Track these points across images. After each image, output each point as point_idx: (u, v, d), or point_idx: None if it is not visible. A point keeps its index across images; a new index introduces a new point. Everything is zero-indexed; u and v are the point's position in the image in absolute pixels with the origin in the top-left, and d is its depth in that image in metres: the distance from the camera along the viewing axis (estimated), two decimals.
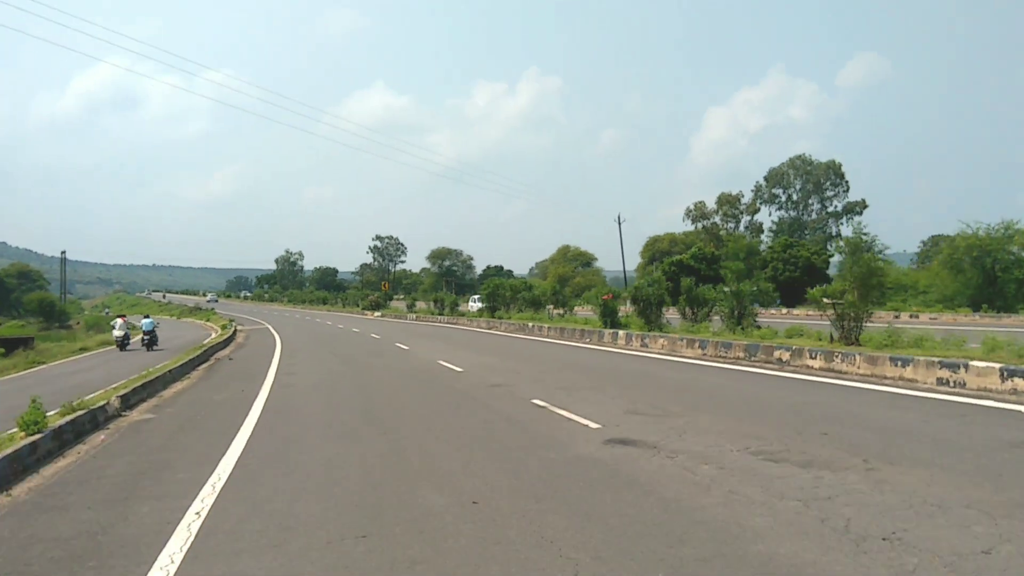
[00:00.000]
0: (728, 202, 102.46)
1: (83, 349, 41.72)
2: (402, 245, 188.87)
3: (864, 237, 17.30)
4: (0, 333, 59.71)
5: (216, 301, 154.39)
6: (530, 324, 32.30)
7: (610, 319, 26.60)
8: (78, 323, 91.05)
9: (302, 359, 25.26)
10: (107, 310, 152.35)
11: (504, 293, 41.13)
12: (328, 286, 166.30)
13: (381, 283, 78.07)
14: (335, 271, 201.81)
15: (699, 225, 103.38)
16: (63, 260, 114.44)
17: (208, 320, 79.58)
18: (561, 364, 18.83)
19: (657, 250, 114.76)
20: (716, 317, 24.09)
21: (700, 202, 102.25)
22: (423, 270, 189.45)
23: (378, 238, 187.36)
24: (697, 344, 18.85)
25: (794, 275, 63.03)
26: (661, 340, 21.22)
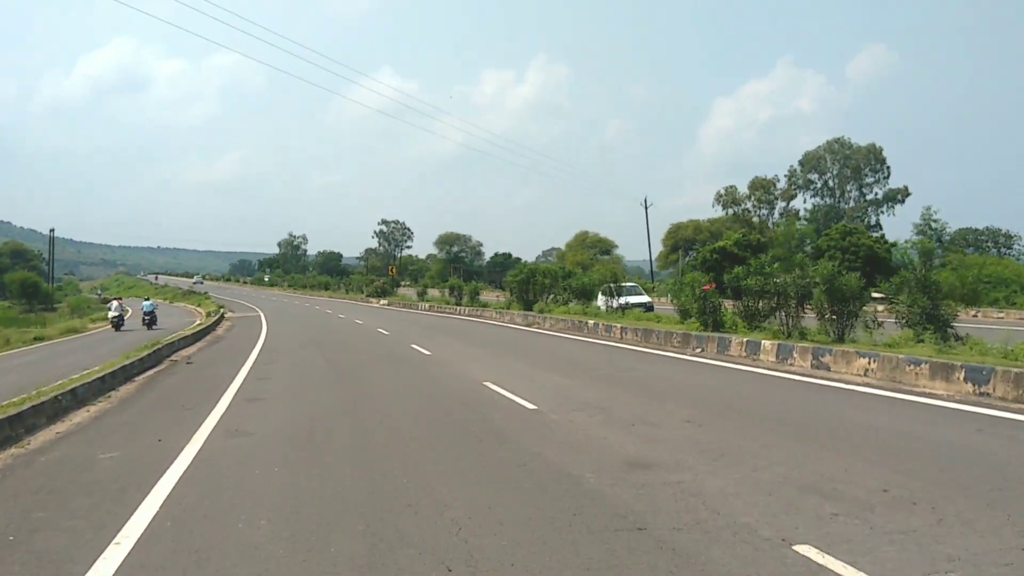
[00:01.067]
0: (762, 187, 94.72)
1: (72, 331, 39.75)
2: (408, 230, 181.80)
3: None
4: None
5: (202, 283, 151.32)
6: (590, 322, 23.93)
7: (711, 319, 19.09)
8: (66, 306, 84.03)
9: (282, 369, 17.97)
10: (100, 292, 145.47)
11: (542, 280, 33.53)
12: (332, 271, 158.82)
13: (388, 267, 70.24)
14: (339, 256, 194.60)
15: (730, 211, 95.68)
16: (51, 239, 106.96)
17: (199, 305, 72.78)
18: (720, 404, 10.66)
19: (680, 238, 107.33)
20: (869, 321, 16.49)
21: (731, 187, 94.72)
22: (429, 256, 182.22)
23: (384, 222, 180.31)
24: (962, 374, 10.12)
25: (855, 266, 55.30)
26: (861, 360, 12.44)
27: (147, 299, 45.29)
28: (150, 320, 38.39)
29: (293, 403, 12.28)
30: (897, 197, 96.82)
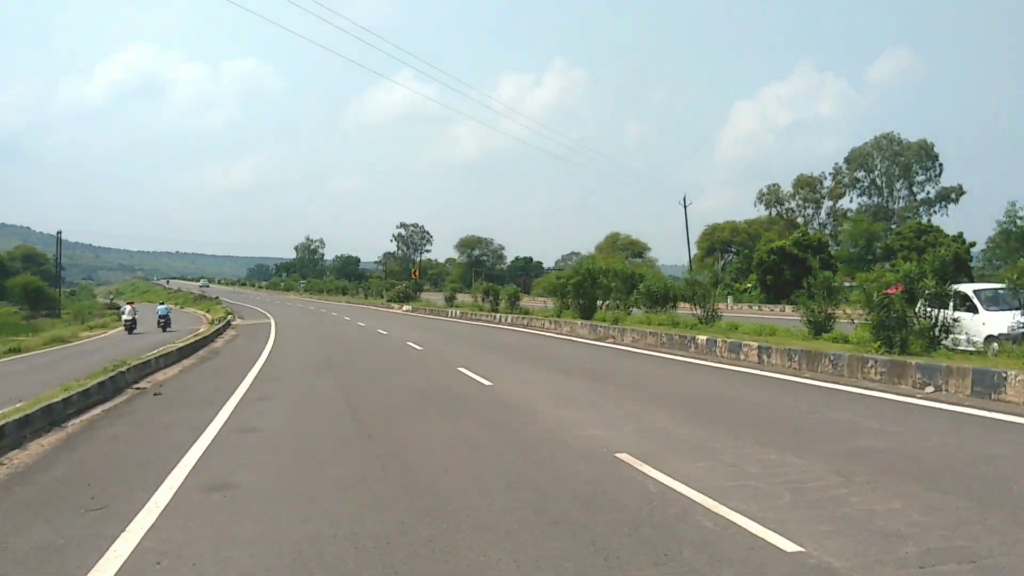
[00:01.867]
0: (807, 185, 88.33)
1: (58, 340, 37.01)
2: (427, 233, 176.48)
3: None
4: None
5: (208, 287, 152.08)
6: (700, 338, 17.42)
7: (899, 336, 13.17)
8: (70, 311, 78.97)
9: (280, 413, 12.24)
10: (112, 297, 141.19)
11: (607, 282, 27.38)
12: (350, 275, 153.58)
13: (410, 270, 64.46)
14: (357, 260, 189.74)
15: (772, 211, 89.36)
16: (59, 240, 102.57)
17: (208, 311, 67.57)
18: None
19: (717, 239, 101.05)
20: None
21: (774, 185, 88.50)
22: (448, 260, 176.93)
23: (403, 226, 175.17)
24: None
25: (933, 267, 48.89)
26: None
27: (161, 303, 48.51)
28: (164, 323, 40.06)
29: (287, 503, 6.40)
30: (951, 196, 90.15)
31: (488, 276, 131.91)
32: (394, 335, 28.82)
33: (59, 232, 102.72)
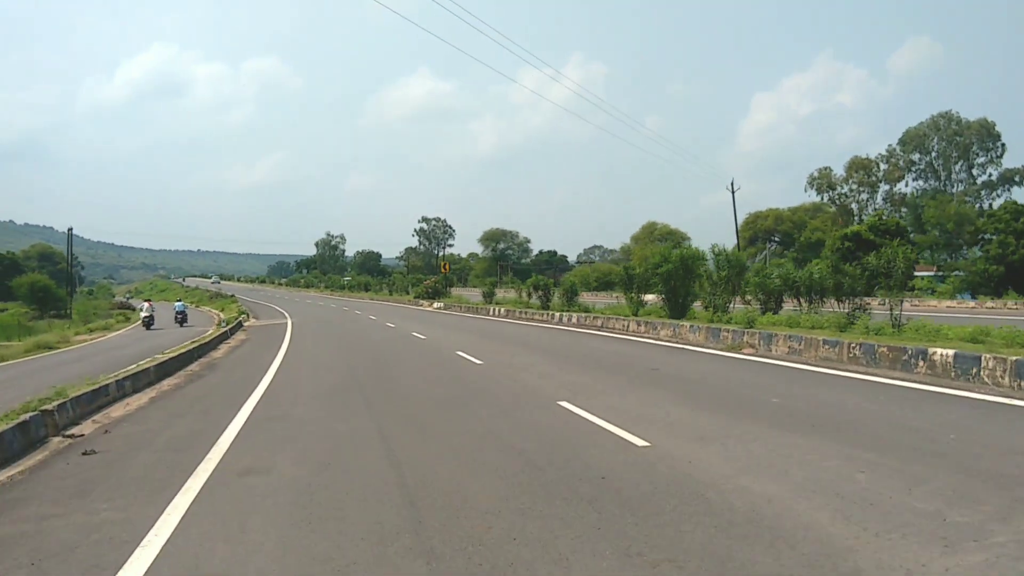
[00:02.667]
0: (862, 168, 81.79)
1: (42, 347, 32.98)
2: (450, 228, 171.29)
3: None
4: None
5: (219, 283, 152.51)
6: (939, 352, 11.09)
7: None
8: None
9: (281, 493, 6.62)
10: (128, 296, 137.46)
11: (718, 274, 21.08)
12: (371, 271, 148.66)
13: (440, 264, 58.61)
14: (378, 255, 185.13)
15: (823, 196, 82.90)
16: (69, 237, 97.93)
17: (222, 310, 62.64)
18: None
19: (760, 228, 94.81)
20: None
21: (826, 168, 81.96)
22: (471, 254, 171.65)
23: (424, 220, 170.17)
24: None
25: None
26: None
27: (178, 300, 51.10)
28: (181, 319, 43.65)
29: None
30: (1014, 179, 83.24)
31: (515, 270, 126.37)
32: (436, 341, 23.23)
33: (70, 229, 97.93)
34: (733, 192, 72.36)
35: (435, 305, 47.38)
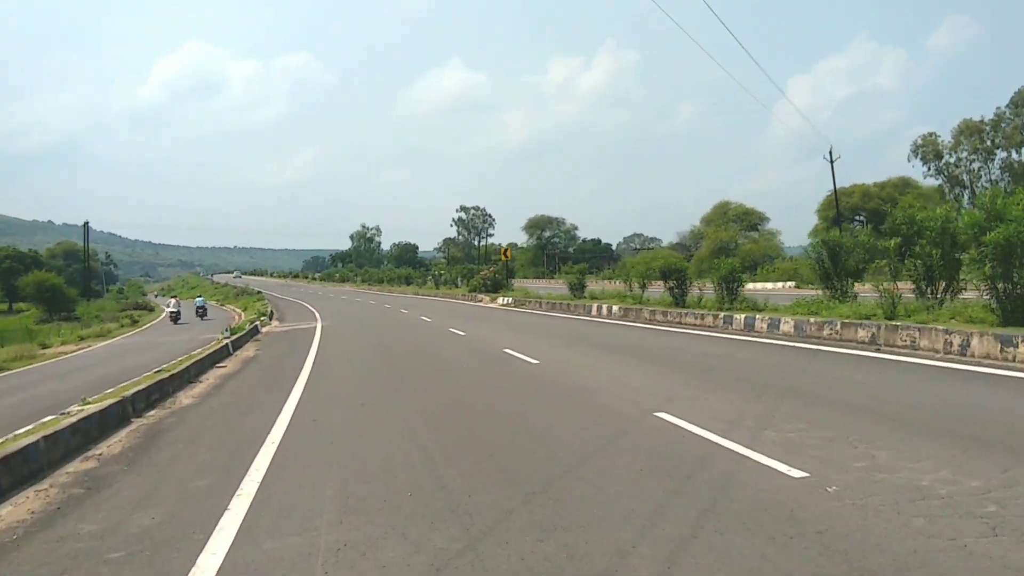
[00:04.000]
0: (975, 132, 70.26)
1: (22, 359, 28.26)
2: (490, 216, 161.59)
3: None
4: None
5: (240, 277, 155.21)
6: None
7: None
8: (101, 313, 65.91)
9: None
10: (156, 294, 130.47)
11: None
12: (408, 264, 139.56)
13: (488, 252, 48.48)
14: (415, 247, 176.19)
15: (931, 166, 71.60)
16: (86, 231, 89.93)
17: (245, 309, 53.86)
18: None
19: (844, 206, 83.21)
20: None
21: (931, 134, 70.54)
22: (511, 244, 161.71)
23: (463, 209, 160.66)
24: None
25: None
26: None
27: (199, 296, 53.29)
28: (202, 313, 45.71)
29: None
30: None
31: (563, 259, 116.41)
32: (572, 373, 13.29)
33: (86, 223, 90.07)
34: (832, 161, 61.52)
35: (500, 301, 37.65)
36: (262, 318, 36.80)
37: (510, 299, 36.47)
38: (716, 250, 76.64)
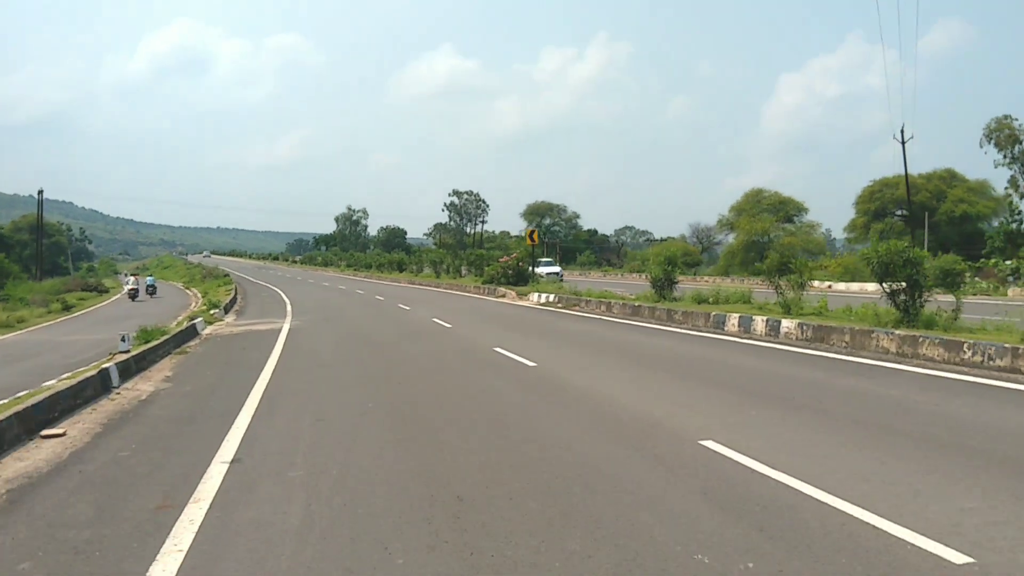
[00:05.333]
0: None
1: None
2: (483, 202, 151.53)
3: None
4: None
5: (209, 257, 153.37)
6: None
7: None
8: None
9: None
10: (125, 273, 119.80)
11: None
12: (396, 248, 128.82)
13: (528, 233, 37.87)
14: (403, 232, 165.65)
15: (1006, 154, 62.35)
16: (40, 201, 79.24)
17: (205, 294, 44.26)
18: None
19: (888, 198, 74.16)
20: None
21: (1006, 117, 61.28)
22: (503, 233, 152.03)
23: (456, 193, 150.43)
24: None
25: None
26: None
27: (150, 275, 58.97)
28: (152, 291, 46.90)
29: None
30: None
31: (564, 249, 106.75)
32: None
33: (40, 192, 79.48)
34: (904, 142, 52.10)
35: (535, 298, 27.52)
36: (212, 311, 26.94)
37: (551, 296, 26.55)
38: (748, 244, 67.21)
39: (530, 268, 35.11)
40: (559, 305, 24.71)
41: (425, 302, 30.74)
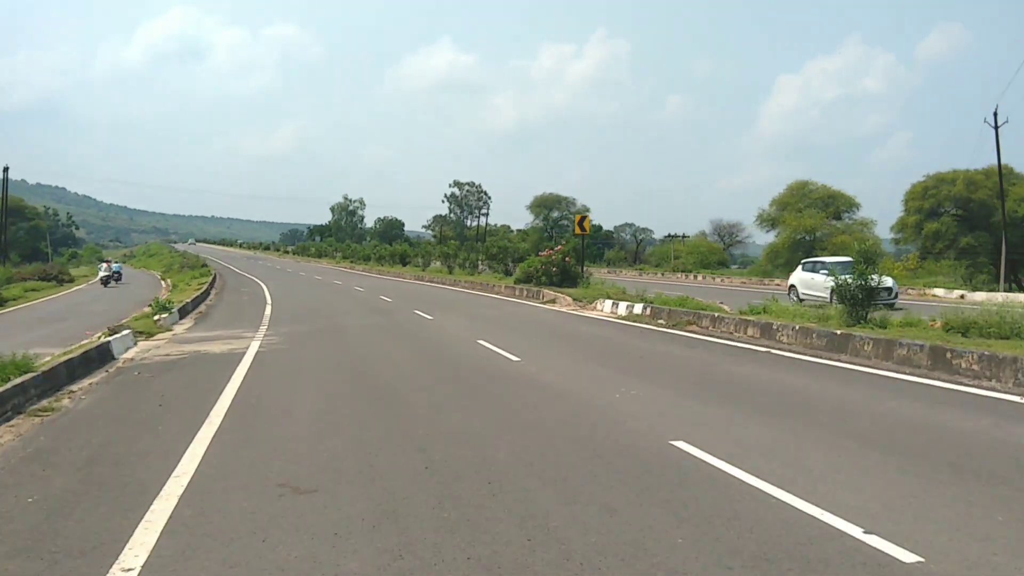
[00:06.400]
0: None
1: None
2: (485, 195, 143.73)
3: None
4: None
5: (194, 244, 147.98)
6: None
7: None
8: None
9: None
10: (108, 259, 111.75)
11: None
12: (394, 240, 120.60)
13: (577, 220, 29.51)
14: (401, 223, 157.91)
15: None
16: (5, 180, 70.66)
17: (175, 287, 36.86)
18: None
19: (943, 196, 66.64)
20: None
21: None
22: (504, 227, 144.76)
23: (457, 184, 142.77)
24: None
25: None
26: None
27: (117, 263, 54.26)
28: (117, 277, 45.93)
29: None
30: None
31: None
32: None
33: (6, 168, 70.92)
34: (997, 127, 44.37)
35: (607, 308, 19.51)
36: (159, 316, 19.14)
37: (636, 306, 18.58)
38: (795, 242, 59.50)
39: (581, 266, 27.16)
40: (657, 321, 16.72)
41: (449, 307, 22.97)
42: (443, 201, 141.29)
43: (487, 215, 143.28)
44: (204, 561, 4.07)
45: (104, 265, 48.84)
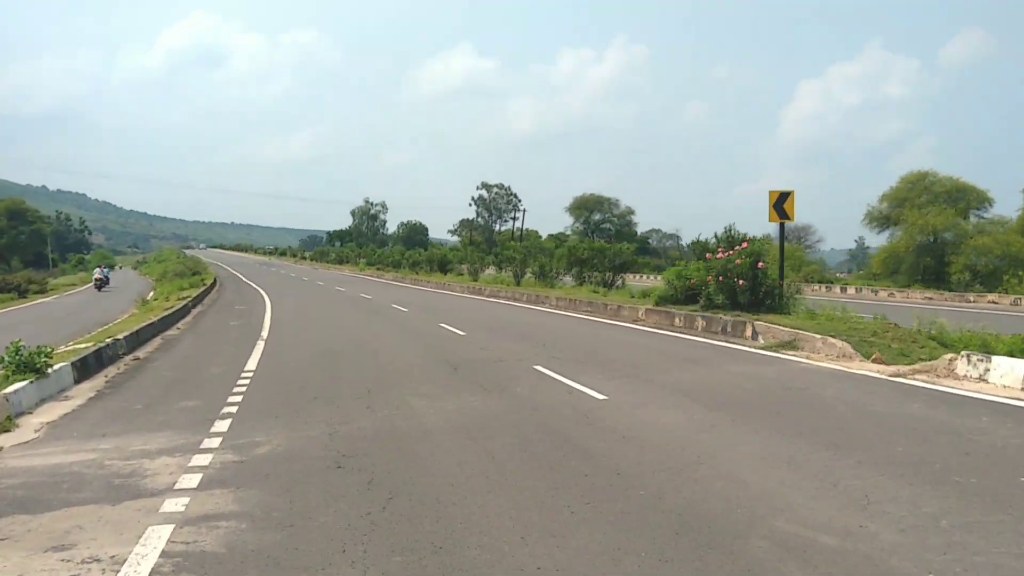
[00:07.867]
0: None
1: None
2: (515, 197, 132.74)
3: None
4: None
5: (204, 249, 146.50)
6: None
7: None
8: None
9: None
10: (101, 266, 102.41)
11: None
12: (416, 246, 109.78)
13: (775, 196, 18.46)
14: (425, 228, 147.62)
15: None
16: None
17: (168, 296, 26.13)
18: None
19: None
20: None
21: None
22: (532, 232, 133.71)
23: (485, 186, 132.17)
24: None
25: None
26: None
27: (107, 267, 57.84)
28: (105, 283, 47.28)
29: None
30: None
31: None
32: None
33: None
34: None
35: (998, 376, 9.16)
36: (13, 387, 8.41)
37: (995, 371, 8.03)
38: (919, 246, 48.01)
39: (780, 278, 16.07)
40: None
41: (609, 366, 12.05)
42: (470, 204, 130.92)
43: (516, 219, 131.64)
44: None
45: (98, 270, 51.05)
